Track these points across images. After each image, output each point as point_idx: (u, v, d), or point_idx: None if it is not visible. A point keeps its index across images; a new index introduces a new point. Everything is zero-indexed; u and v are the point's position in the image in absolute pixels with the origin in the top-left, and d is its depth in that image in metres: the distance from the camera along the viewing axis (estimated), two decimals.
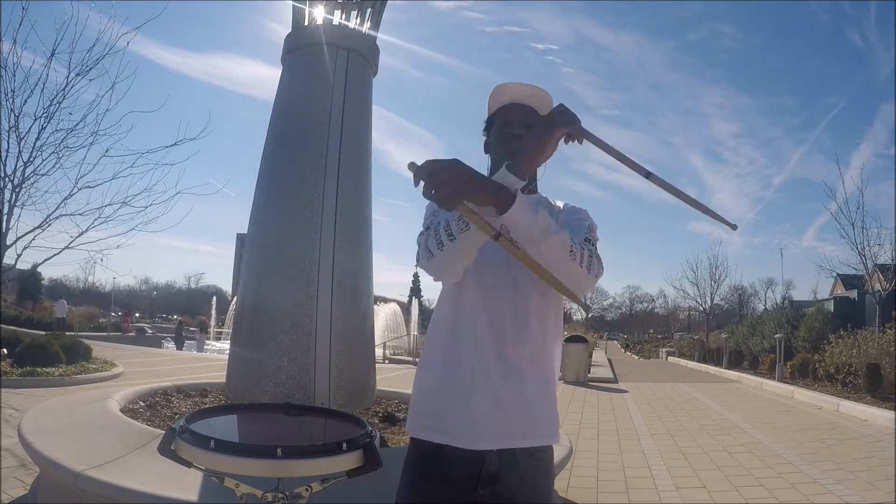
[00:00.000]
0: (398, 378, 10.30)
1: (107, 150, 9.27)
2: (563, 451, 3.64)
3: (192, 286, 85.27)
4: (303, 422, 1.26)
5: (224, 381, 4.61)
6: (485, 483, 1.30)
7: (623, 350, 41.41)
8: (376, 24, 4.73)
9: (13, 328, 14.55)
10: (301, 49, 4.52)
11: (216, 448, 0.96)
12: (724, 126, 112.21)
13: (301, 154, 4.23)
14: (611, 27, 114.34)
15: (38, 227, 8.76)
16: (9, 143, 8.62)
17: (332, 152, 4.22)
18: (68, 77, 8.84)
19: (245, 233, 4.75)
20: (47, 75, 8.84)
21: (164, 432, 1.03)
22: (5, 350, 8.85)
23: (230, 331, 6.43)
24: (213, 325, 31.89)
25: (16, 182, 8.66)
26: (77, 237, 8.90)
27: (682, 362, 23.62)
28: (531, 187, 1.47)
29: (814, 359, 12.12)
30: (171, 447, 1.00)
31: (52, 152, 8.89)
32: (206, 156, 55.67)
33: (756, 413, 8.55)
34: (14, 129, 8.64)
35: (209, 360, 13.20)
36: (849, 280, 25.89)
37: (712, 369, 18.18)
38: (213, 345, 23.70)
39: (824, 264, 22.85)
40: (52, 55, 8.72)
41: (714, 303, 33.85)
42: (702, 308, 32.94)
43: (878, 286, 16.67)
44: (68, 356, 9.09)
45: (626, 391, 11.30)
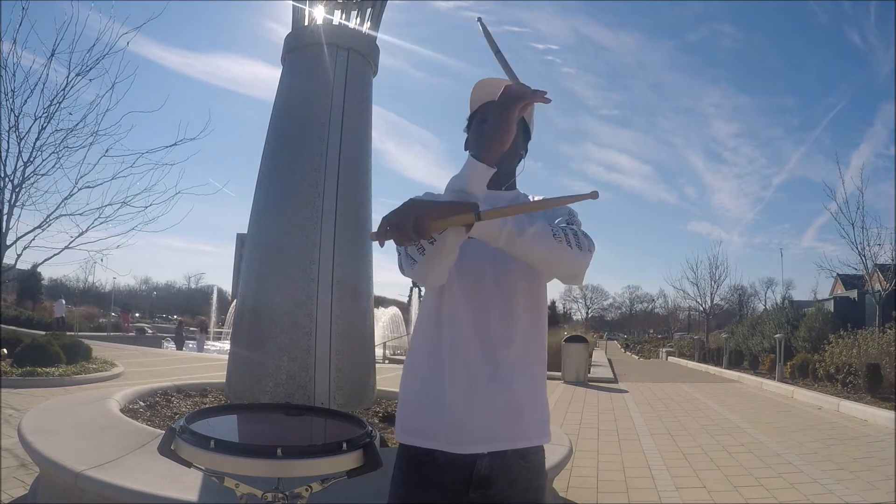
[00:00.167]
0: (398, 378, 10.22)
1: (107, 150, 9.29)
2: (563, 451, 3.64)
3: (192, 286, 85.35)
4: (303, 422, 1.26)
5: (224, 381, 4.62)
6: (476, 486, 1.28)
7: (623, 350, 41.41)
8: (376, 24, 4.73)
9: (13, 328, 14.55)
10: (301, 49, 4.53)
11: (216, 448, 0.96)
12: (724, 126, 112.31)
13: (301, 154, 4.23)
14: (611, 27, 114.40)
15: (38, 227, 8.77)
16: (9, 143, 8.64)
17: (332, 152, 4.22)
18: (68, 77, 8.85)
19: (245, 233, 4.76)
20: (47, 75, 8.85)
21: (164, 432, 1.03)
22: (5, 350, 8.85)
23: (230, 331, 6.42)
24: (213, 322, 31.73)
25: (16, 182, 8.67)
26: (77, 237, 8.91)
27: (682, 362, 23.61)
28: (510, 183, 1.44)
29: (814, 359, 12.11)
30: (171, 447, 1.00)
31: (52, 152, 8.91)
32: (206, 156, 55.72)
33: (756, 413, 8.55)
34: (14, 129, 8.66)
35: (209, 360, 13.20)
36: (849, 280, 25.90)
37: (712, 369, 18.17)
38: (213, 345, 23.68)
39: (824, 264, 22.88)
40: (52, 55, 8.74)
41: (714, 303, 33.86)
42: (702, 308, 32.94)
43: (878, 286, 16.67)
44: (68, 356, 9.09)
45: (626, 391, 11.29)
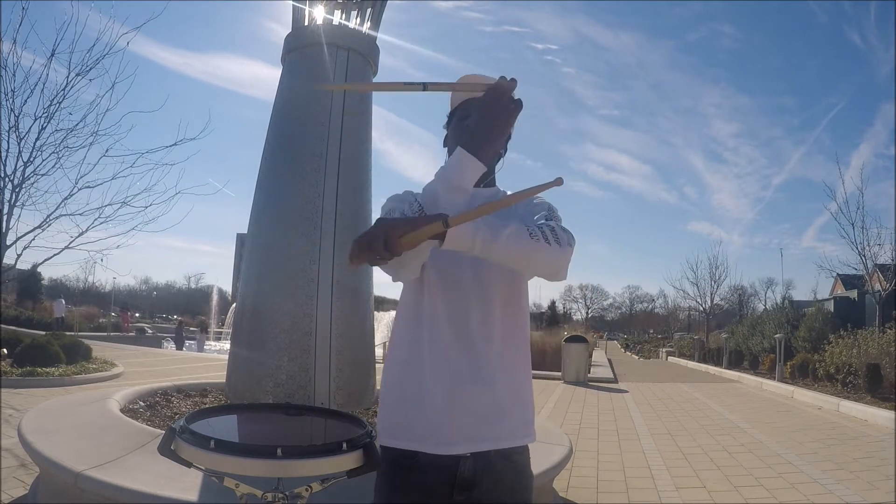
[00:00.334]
0: None
1: (107, 150, 9.26)
2: (563, 451, 3.64)
3: (192, 286, 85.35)
4: (303, 422, 1.26)
5: (224, 381, 4.62)
6: (461, 488, 1.27)
7: (623, 350, 41.40)
8: (376, 24, 4.73)
9: (13, 328, 14.54)
10: (301, 49, 4.53)
11: (216, 448, 0.96)
12: (724, 126, 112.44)
13: (301, 154, 4.23)
14: (610, 27, 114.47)
15: (38, 227, 8.76)
16: (9, 143, 8.63)
17: (332, 152, 4.22)
18: (68, 77, 8.84)
19: (245, 233, 4.75)
20: (47, 75, 8.84)
21: (164, 432, 1.03)
22: (5, 350, 8.84)
23: (230, 331, 6.42)
24: (213, 320, 31.61)
25: (16, 182, 8.66)
26: (77, 237, 8.90)
27: (682, 362, 23.60)
28: (488, 181, 1.43)
29: (814, 359, 12.11)
30: (171, 447, 1.00)
31: (52, 152, 8.89)
32: (206, 156, 55.52)
33: (756, 413, 8.55)
34: (14, 129, 8.64)
35: (209, 360, 13.20)
36: (849, 280, 25.90)
37: (712, 369, 18.16)
38: (213, 345, 23.66)
39: (824, 264, 22.84)
40: (52, 55, 8.73)
41: (714, 303, 33.82)
42: (702, 308, 32.92)
43: (878, 286, 16.67)
44: (68, 356, 9.09)
45: (626, 391, 11.29)
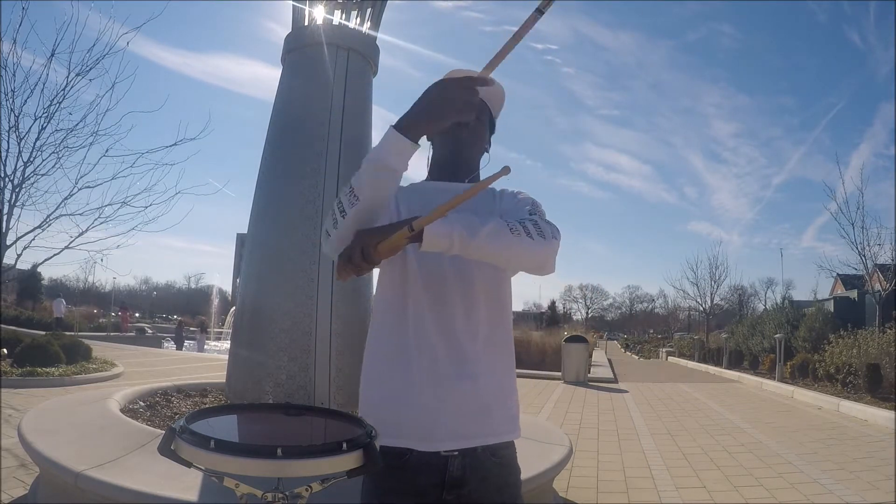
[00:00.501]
0: None
1: (107, 150, 9.29)
2: (563, 451, 3.63)
3: (192, 286, 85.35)
4: (303, 422, 1.26)
5: (224, 381, 4.62)
6: (450, 488, 1.27)
7: (623, 350, 41.42)
8: (376, 24, 4.74)
9: (13, 328, 14.54)
10: (301, 49, 4.53)
11: (216, 448, 0.96)
12: (724, 126, 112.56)
13: (301, 154, 4.23)
14: (610, 27, 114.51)
15: (38, 227, 8.78)
16: (9, 143, 8.64)
17: (332, 152, 4.22)
18: (68, 77, 8.86)
19: (245, 233, 4.76)
20: (47, 75, 8.86)
21: (164, 432, 1.03)
22: (5, 350, 8.85)
23: (230, 331, 6.42)
24: (213, 319, 31.55)
25: (16, 182, 8.68)
26: (77, 237, 8.92)
27: (682, 362, 23.61)
28: (473, 177, 1.43)
29: (814, 359, 12.11)
30: (171, 447, 1.00)
31: (52, 152, 8.91)
32: (206, 156, 55.66)
33: (756, 413, 8.55)
34: (14, 129, 8.66)
35: (209, 360, 13.20)
36: (849, 280, 25.93)
37: (712, 369, 18.17)
38: (213, 345, 23.66)
39: (824, 264, 22.95)
40: (52, 55, 8.74)
41: (714, 303, 33.84)
42: (702, 308, 32.94)
43: (878, 286, 16.68)
44: (68, 356, 9.09)
45: (626, 391, 11.29)
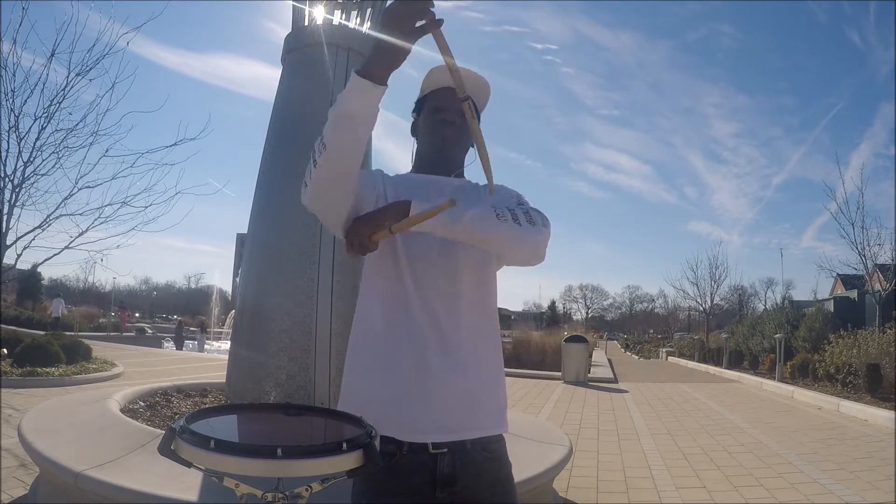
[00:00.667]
0: None
1: (107, 150, 9.27)
2: (563, 451, 3.63)
3: (192, 286, 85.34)
4: (303, 422, 1.26)
5: (224, 381, 4.62)
6: (442, 485, 1.27)
7: (623, 350, 41.40)
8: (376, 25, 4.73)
9: (13, 328, 14.55)
10: (301, 49, 4.53)
11: (216, 448, 0.96)
12: (724, 126, 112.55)
13: (301, 154, 4.22)
14: (610, 27, 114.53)
15: (38, 227, 8.76)
16: (9, 143, 8.64)
17: None
18: (68, 77, 8.85)
19: (245, 233, 4.76)
20: (47, 75, 8.85)
21: (164, 432, 1.03)
22: (5, 350, 8.85)
23: (230, 331, 6.43)
24: (213, 319, 31.50)
25: (16, 182, 8.67)
26: (77, 237, 8.91)
27: (682, 362, 23.60)
28: (458, 172, 1.45)
29: (814, 359, 12.11)
30: (171, 447, 1.00)
31: (52, 152, 8.90)
32: (206, 156, 55.51)
33: (756, 413, 8.55)
34: (14, 129, 8.65)
35: (209, 360, 13.20)
36: (849, 280, 25.93)
37: (712, 369, 18.16)
38: (213, 345, 23.65)
39: (824, 264, 22.93)
40: (52, 55, 8.73)
41: (714, 303, 33.83)
42: (702, 308, 32.93)
43: (878, 286, 16.67)
44: (68, 356, 9.09)
45: (626, 391, 11.29)
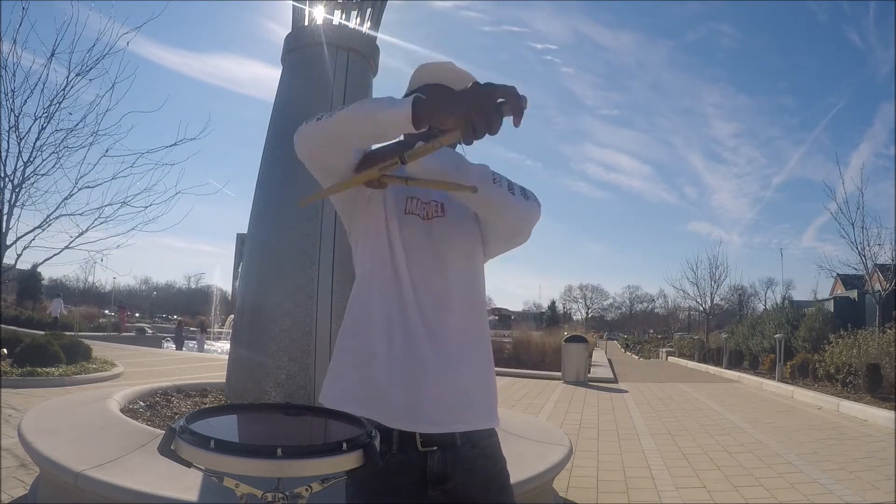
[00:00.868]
0: None
1: (107, 150, 9.27)
2: (563, 451, 3.63)
3: (192, 286, 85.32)
4: (303, 422, 1.26)
5: (224, 381, 4.62)
6: (433, 483, 1.26)
7: (623, 350, 41.39)
8: (376, 24, 4.73)
9: (13, 328, 14.54)
10: (301, 49, 4.52)
11: (216, 448, 0.96)
12: (724, 126, 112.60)
13: None
14: (610, 27, 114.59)
15: (38, 227, 8.76)
16: (9, 143, 8.64)
17: None
18: (68, 77, 8.85)
19: (245, 233, 4.75)
20: (47, 75, 8.84)
21: (164, 432, 1.03)
22: (5, 350, 8.84)
23: (230, 331, 6.43)
24: (213, 319, 31.48)
25: (16, 182, 8.66)
26: (77, 237, 8.91)
27: (682, 362, 23.60)
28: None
29: (814, 359, 12.11)
30: (171, 447, 1.00)
31: (52, 152, 8.90)
32: (206, 156, 55.62)
33: (756, 413, 8.55)
34: (14, 129, 8.65)
35: (209, 360, 13.20)
36: (849, 280, 25.93)
37: (712, 369, 18.16)
38: (213, 345, 23.65)
39: (824, 264, 22.92)
40: (52, 55, 8.73)
41: (714, 303, 33.82)
42: (702, 308, 32.92)
43: (878, 286, 16.68)
44: (68, 356, 9.09)
45: (626, 391, 11.29)
